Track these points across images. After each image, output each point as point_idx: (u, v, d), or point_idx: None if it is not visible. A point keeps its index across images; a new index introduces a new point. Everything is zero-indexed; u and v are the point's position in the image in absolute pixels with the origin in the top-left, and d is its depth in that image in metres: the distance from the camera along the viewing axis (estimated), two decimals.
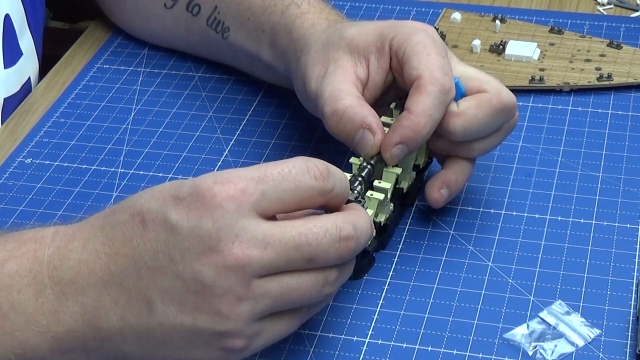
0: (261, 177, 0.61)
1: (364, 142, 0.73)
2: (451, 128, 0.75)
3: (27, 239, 0.65)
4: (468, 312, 0.73)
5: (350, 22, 0.82)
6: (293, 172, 0.62)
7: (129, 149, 0.90)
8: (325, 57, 0.78)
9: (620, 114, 0.92)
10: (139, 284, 0.62)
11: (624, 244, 0.78)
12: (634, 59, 0.96)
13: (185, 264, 0.60)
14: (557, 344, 0.70)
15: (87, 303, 0.63)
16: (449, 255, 0.78)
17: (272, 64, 0.88)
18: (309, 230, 0.61)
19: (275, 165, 0.62)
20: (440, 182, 0.77)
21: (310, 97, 0.78)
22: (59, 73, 1.01)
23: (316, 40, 0.80)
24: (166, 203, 0.61)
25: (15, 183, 0.87)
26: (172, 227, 0.61)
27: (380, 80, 0.77)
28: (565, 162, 0.86)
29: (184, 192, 0.61)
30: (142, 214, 0.62)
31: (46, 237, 0.65)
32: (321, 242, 0.61)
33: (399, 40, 0.75)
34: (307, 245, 0.61)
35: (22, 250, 0.65)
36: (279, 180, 0.61)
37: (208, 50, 0.98)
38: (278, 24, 0.86)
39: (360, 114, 0.73)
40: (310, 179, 0.62)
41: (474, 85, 0.76)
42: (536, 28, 1.02)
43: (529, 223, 0.80)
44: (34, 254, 0.64)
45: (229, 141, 0.90)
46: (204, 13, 0.94)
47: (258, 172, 0.61)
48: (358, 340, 0.71)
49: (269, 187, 0.61)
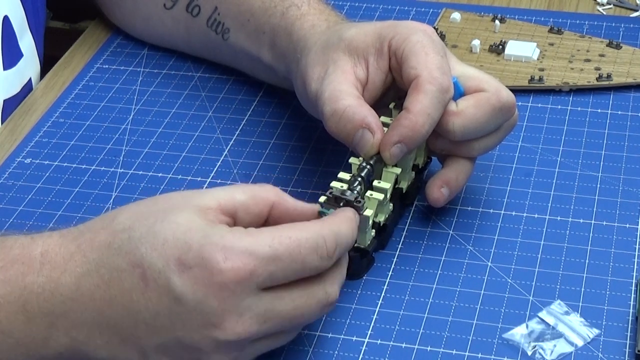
0: (272, 257, 0.61)
1: (363, 142, 0.73)
2: (450, 127, 0.75)
3: (15, 259, 0.64)
4: (467, 312, 0.73)
5: (349, 23, 0.82)
6: (302, 253, 0.62)
7: (128, 149, 0.90)
8: (324, 58, 0.78)
9: (619, 114, 0.92)
10: (135, 334, 0.63)
11: (623, 244, 0.78)
12: (633, 59, 0.96)
13: (185, 332, 0.62)
14: (557, 344, 0.70)
15: (78, 338, 0.63)
16: (448, 255, 0.78)
17: (273, 66, 0.88)
18: (304, 303, 0.63)
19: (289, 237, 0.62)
20: (441, 181, 0.77)
21: (310, 98, 0.78)
22: (59, 73, 1.01)
23: (316, 42, 0.80)
24: (170, 266, 0.61)
25: (14, 183, 0.87)
26: (176, 296, 0.61)
27: (379, 81, 0.77)
28: (565, 162, 0.86)
29: (190, 260, 0.61)
30: (143, 269, 0.61)
31: (35, 260, 0.64)
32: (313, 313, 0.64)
33: (398, 40, 0.75)
34: (301, 317, 0.64)
35: (10, 272, 0.64)
36: (287, 263, 0.62)
37: (208, 51, 0.98)
38: (278, 26, 0.86)
39: (360, 114, 0.73)
40: (317, 260, 0.63)
41: (472, 85, 0.76)
42: (536, 28, 1.02)
43: (529, 223, 0.80)
44: (22, 279, 0.63)
45: (229, 141, 0.90)
46: (204, 14, 0.94)
47: (270, 249, 0.61)
48: (357, 340, 0.71)
49: (277, 269, 0.62)
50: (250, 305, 0.61)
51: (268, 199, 0.65)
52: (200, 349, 0.62)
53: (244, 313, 0.61)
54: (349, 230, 0.66)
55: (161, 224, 0.62)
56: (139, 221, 0.63)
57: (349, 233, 0.66)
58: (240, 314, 0.61)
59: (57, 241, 0.65)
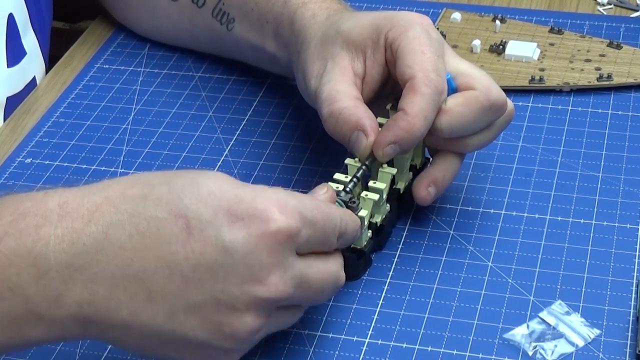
0: (313, 222, 0.63)
1: (357, 144, 0.73)
2: (437, 125, 0.74)
3: (27, 212, 0.60)
4: (468, 312, 0.73)
5: (348, 14, 0.82)
6: (330, 226, 0.65)
7: (129, 149, 0.90)
8: (323, 53, 0.78)
9: (620, 114, 0.92)
10: (166, 289, 0.59)
11: (623, 244, 0.78)
12: (633, 59, 0.96)
13: (225, 286, 0.59)
14: (557, 344, 0.70)
15: (98, 291, 0.59)
16: (449, 256, 0.78)
17: (276, 55, 0.88)
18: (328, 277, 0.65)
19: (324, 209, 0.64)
20: (428, 181, 0.77)
21: (311, 94, 0.78)
22: (59, 73, 1.01)
23: (314, 35, 0.80)
24: (220, 217, 0.59)
25: (15, 183, 0.86)
26: (224, 247, 0.59)
27: (377, 74, 0.77)
28: (565, 162, 0.86)
29: (243, 211, 0.60)
30: (186, 219, 0.59)
31: (51, 212, 0.60)
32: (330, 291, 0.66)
33: (395, 33, 0.75)
34: (321, 292, 0.65)
35: (21, 225, 0.59)
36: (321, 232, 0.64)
37: (211, 44, 0.98)
38: (281, 14, 0.86)
39: (355, 116, 0.73)
40: (334, 237, 0.65)
41: (463, 82, 0.76)
42: (536, 28, 1.02)
43: (529, 223, 0.80)
44: (35, 231, 0.59)
45: (229, 141, 0.90)
46: (209, 5, 0.94)
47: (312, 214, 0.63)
48: (358, 340, 0.71)
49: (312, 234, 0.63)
50: (292, 264, 0.61)
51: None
52: (235, 308, 0.60)
53: (287, 271, 0.61)
54: (354, 231, 0.68)
55: (202, 178, 0.61)
56: (177, 176, 0.61)
57: (352, 233, 0.68)
58: (284, 271, 0.61)
59: (78, 193, 0.61)
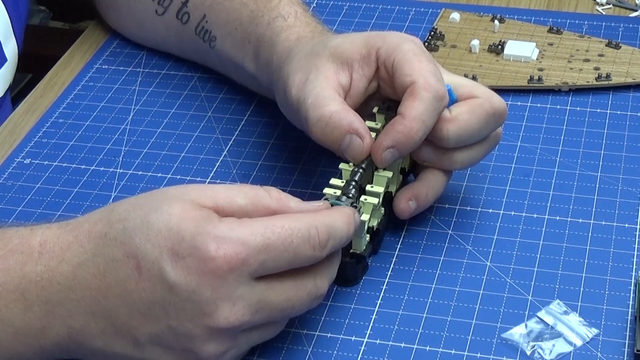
0: (264, 246, 0.62)
1: (352, 148, 0.73)
2: (444, 134, 0.74)
3: (14, 250, 0.66)
4: (466, 312, 0.73)
5: (337, 34, 0.81)
6: (295, 242, 0.63)
7: (127, 149, 0.90)
8: (307, 65, 0.77)
9: (618, 113, 0.92)
10: (129, 324, 0.64)
11: (622, 243, 0.78)
12: (632, 59, 0.96)
13: (179, 321, 0.63)
14: (555, 343, 0.70)
15: (74, 326, 0.65)
16: (447, 255, 0.78)
17: (256, 75, 0.88)
18: (295, 294, 0.65)
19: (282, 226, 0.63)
20: (410, 194, 0.76)
21: (292, 104, 0.77)
22: (58, 73, 1.01)
23: (300, 50, 0.79)
24: (163, 256, 0.62)
25: (14, 183, 0.87)
26: (169, 286, 0.62)
27: (362, 87, 0.76)
28: (564, 161, 0.86)
29: (183, 250, 0.62)
30: (137, 259, 0.62)
31: (33, 250, 0.65)
32: (303, 305, 0.66)
33: (388, 49, 0.75)
34: (292, 309, 0.65)
35: (9, 261, 0.65)
36: (279, 252, 0.63)
37: (198, 57, 0.98)
38: (263, 36, 0.86)
39: (347, 120, 0.72)
40: (309, 250, 0.64)
41: (464, 92, 0.76)
42: (535, 28, 1.02)
43: (527, 223, 0.80)
44: (21, 269, 0.65)
45: (228, 141, 0.90)
46: (193, 21, 0.94)
47: (262, 238, 0.62)
48: (356, 340, 0.71)
49: (269, 258, 0.63)
50: (243, 294, 0.62)
51: (269, 207, 0.65)
52: (193, 338, 0.63)
53: (236, 302, 0.62)
54: (344, 225, 0.66)
55: (155, 214, 0.63)
56: (134, 212, 0.64)
57: (343, 228, 0.66)
58: (233, 303, 0.62)
59: (56, 232, 0.66)
